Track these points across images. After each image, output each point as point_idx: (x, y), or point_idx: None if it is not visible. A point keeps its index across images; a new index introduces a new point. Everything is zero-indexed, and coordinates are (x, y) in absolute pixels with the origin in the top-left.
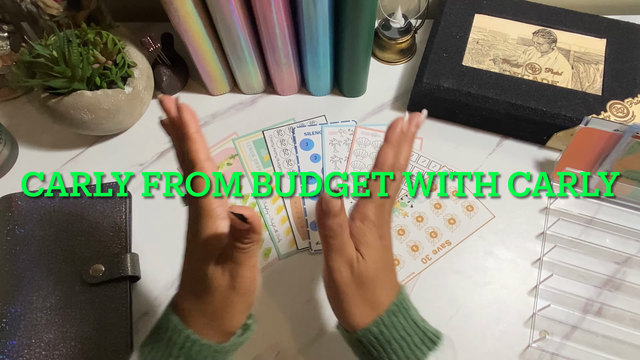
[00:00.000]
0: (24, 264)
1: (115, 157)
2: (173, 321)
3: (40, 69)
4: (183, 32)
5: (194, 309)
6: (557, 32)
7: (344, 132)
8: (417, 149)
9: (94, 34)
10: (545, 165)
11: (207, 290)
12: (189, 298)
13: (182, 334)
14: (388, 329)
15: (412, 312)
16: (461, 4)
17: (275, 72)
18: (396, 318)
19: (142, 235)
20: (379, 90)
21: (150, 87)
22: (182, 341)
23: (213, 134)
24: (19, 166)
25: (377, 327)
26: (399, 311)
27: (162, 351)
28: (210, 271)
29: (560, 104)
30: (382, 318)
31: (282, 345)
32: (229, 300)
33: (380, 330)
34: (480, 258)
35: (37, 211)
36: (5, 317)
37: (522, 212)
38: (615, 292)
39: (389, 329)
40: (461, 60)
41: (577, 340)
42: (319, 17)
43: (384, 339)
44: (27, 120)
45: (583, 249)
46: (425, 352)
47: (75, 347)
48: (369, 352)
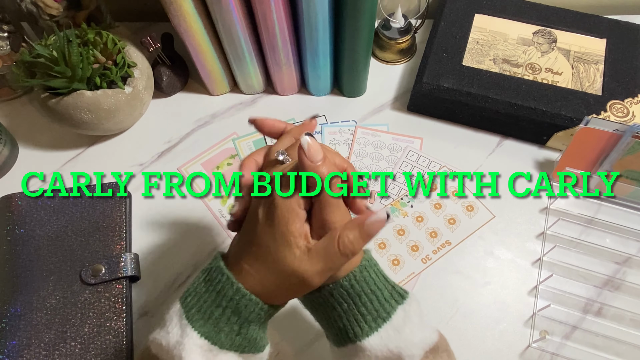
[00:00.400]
0: (24, 264)
1: (115, 157)
2: (226, 274)
3: (40, 69)
4: (183, 32)
5: (242, 260)
6: (557, 32)
7: (344, 132)
8: (417, 149)
9: (94, 34)
10: (545, 165)
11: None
12: (240, 254)
13: (233, 285)
14: (359, 282)
15: (380, 268)
16: (461, 4)
17: (275, 72)
18: (367, 273)
19: (142, 235)
20: (379, 90)
21: (150, 87)
22: (232, 294)
23: (213, 134)
24: (19, 166)
25: (348, 281)
26: (370, 266)
27: (210, 301)
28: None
29: (560, 104)
30: (354, 272)
31: (282, 345)
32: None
33: (351, 283)
34: (480, 258)
35: (37, 211)
36: (5, 317)
37: (522, 212)
38: (615, 292)
39: (359, 283)
40: (461, 60)
41: (577, 340)
42: (319, 17)
43: (355, 292)
44: (27, 120)
45: (583, 249)
46: (394, 306)
47: (75, 347)
48: (340, 306)
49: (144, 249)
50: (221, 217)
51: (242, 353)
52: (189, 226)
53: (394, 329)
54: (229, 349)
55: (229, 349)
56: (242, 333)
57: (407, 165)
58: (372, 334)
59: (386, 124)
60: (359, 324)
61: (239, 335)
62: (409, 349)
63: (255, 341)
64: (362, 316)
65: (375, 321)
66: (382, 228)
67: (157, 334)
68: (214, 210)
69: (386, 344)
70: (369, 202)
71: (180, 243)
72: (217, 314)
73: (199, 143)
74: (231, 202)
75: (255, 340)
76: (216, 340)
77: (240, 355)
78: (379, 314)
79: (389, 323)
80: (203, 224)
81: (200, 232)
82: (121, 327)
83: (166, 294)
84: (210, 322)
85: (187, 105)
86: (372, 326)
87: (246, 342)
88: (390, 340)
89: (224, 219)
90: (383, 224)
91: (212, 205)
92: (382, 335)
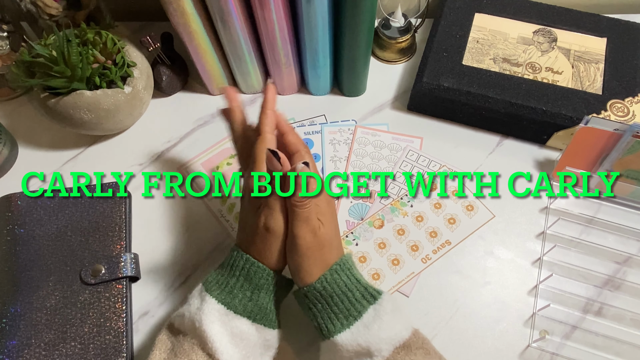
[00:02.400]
0: (24, 264)
1: (115, 157)
2: (235, 250)
3: (40, 69)
4: (183, 31)
5: (249, 247)
6: (557, 31)
7: (343, 131)
8: (417, 149)
9: (93, 33)
10: (545, 164)
11: (252, 233)
12: (244, 241)
13: (242, 257)
14: (330, 285)
15: (354, 271)
16: (461, 3)
17: (275, 71)
18: (338, 275)
19: (142, 235)
20: (379, 89)
21: (150, 86)
22: (242, 263)
23: (213, 133)
24: (19, 166)
25: (320, 284)
26: (342, 270)
27: (226, 274)
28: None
29: (561, 103)
30: (325, 275)
31: (282, 345)
32: (266, 240)
33: (323, 286)
34: (480, 258)
35: (37, 211)
36: (5, 317)
37: (522, 211)
38: (616, 291)
39: (331, 285)
40: (461, 59)
41: (577, 340)
42: (318, 17)
43: (327, 293)
44: (27, 120)
45: (583, 249)
46: (366, 306)
47: (75, 347)
48: (315, 306)
49: (144, 249)
50: (221, 217)
51: (254, 322)
52: (189, 226)
53: (364, 326)
54: (242, 315)
55: (242, 315)
56: (254, 299)
57: (407, 165)
58: (343, 330)
59: (386, 124)
60: (332, 322)
61: (251, 301)
62: (376, 343)
63: (265, 311)
64: (335, 315)
65: (347, 319)
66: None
67: (180, 309)
68: (214, 210)
69: (356, 339)
70: (369, 202)
71: (180, 243)
72: (232, 282)
73: (198, 143)
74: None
75: (265, 310)
76: (231, 306)
77: (253, 324)
78: (350, 312)
79: (360, 321)
80: (203, 224)
81: (200, 232)
82: (121, 327)
83: (166, 294)
84: (226, 290)
85: (187, 105)
86: (343, 324)
87: (257, 309)
88: (360, 336)
89: (223, 219)
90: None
91: (212, 205)
92: (353, 331)
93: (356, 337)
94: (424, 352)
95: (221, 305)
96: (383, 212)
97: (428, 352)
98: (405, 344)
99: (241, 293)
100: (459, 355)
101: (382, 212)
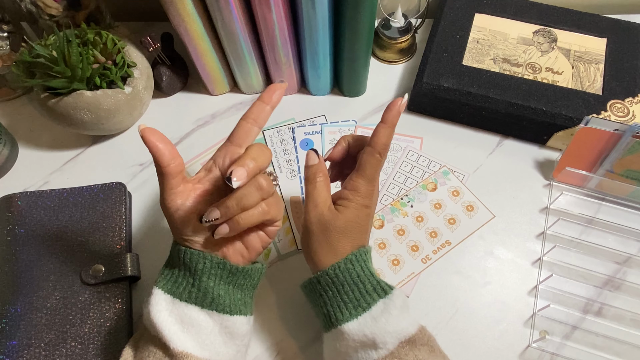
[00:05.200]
0: (24, 264)
1: (115, 157)
2: (173, 244)
3: (40, 69)
4: (183, 32)
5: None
6: (557, 32)
7: (343, 131)
8: (417, 149)
9: (93, 33)
10: (545, 165)
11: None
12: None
13: (180, 248)
14: (343, 273)
15: (369, 265)
16: (461, 3)
17: (275, 71)
18: (352, 265)
19: (142, 235)
20: (379, 90)
21: (150, 87)
22: (177, 252)
23: (213, 133)
24: (19, 166)
25: (333, 270)
26: (357, 261)
27: (170, 267)
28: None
29: (561, 104)
30: (339, 263)
31: (282, 345)
32: (169, 222)
33: (335, 273)
34: (480, 258)
35: (37, 211)
36: (5, 317)
37: (522, 212)
38: (616, 292)
39: (343, 273)
40: (461, 59)
41: (577, 340)
42: (318, 17)
43: (339, 281)
44: (27, 120)
45: (583, 249)
46: (376, 298)
47: (75, 347)
48: (325, 293)
49: (144, 249)
50: None
51: (203, 308)
52: None
53: (372, 318)
54: (189, 302)
55: (188, 302)
56: (196, 285)
57: (407, 165)
58: (351, 320)
59: None
60: (341, 310)
61: (194, 287)
62: (382, 335)
63: (213, 296)
64: (345, 303)
65: (356, 309)
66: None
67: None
68: None
69: (362, 329)
70: None
71: None
72: (176, 272)
73: (199, 143)
74: None
75: (213, 295)
76: (176, 294)
77: (202, 310)
78: (359, 303)
79: (368, 312)
80: None
81: None
82: (121, 327)
83: None
84: (171, 280)
85: (187, 105)
86: (352, 313)
87: (202, 294)
88: (367, 327)
89: None
90: None
91: None
92: (361, 321)
93: (363, 327)
94: (428, 349)
95: (168, 294)
96: (383, 212)
97: (432, 350)
98: (411, 339)
99: (185, 281)
100: (459, 355)
101: (382, 212)
